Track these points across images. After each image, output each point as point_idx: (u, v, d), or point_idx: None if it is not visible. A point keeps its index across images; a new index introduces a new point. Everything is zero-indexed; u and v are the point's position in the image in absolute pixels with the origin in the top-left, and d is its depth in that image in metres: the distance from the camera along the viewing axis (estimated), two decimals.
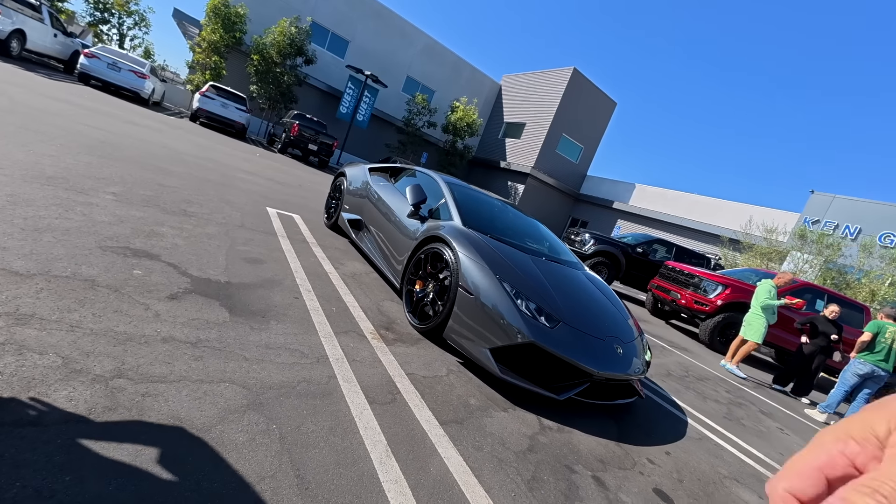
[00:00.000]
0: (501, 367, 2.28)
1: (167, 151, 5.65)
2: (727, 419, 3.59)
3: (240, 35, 16.28)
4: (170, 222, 2.93)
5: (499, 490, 1.57)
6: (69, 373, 1.29)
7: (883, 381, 4.90)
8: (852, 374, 4.89)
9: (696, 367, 5.19)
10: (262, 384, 1.61)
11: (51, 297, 1.62)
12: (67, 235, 2.16)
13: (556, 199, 23.00)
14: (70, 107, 6.17)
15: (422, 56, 22.82)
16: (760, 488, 2.49)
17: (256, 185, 5.69)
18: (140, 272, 2.08)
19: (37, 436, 1.06)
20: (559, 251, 3.82)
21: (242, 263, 2.71)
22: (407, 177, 4.23)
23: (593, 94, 22.30)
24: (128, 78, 10.81)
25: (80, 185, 2.97)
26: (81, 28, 21.00)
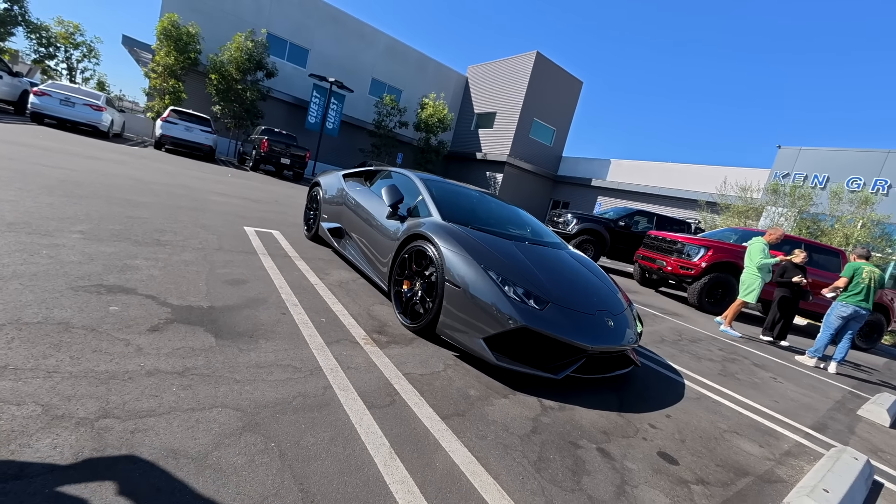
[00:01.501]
0: (497, 355, 2.29)
1: (133, 182, 5.50)
2: (722, 375, 3.68)
3: (194, 55, 15.87)
4: (143, 254, 2.86)
5: (506, 475, 1.58)
6: (50, 420, 1.25)
7: (864, 320, 5.09)
8: (836, 317, 5.06)
9: (688, 330, 5.31)
10: (256, 404, 1.58)
11: (23, 345, 1.56)
12: (35, 280, 2.09)
13: (534, 183, 23.17)
14: (24, 148, 5.94)
15: (384, 57, 22.64)
16: (760, 437, 2.57)
17: (231, 206, 5.57)
18: (116, 308, 2.02)
19: (21, 489, 1.02)
20: (542, 234, 3.85)
21: (224, 286, 2.66)
22: (382, 178, 4.20)
23: (559, 76, 22.47)
24: (83, 112, 10.44)
25: (43, 227, 2.87)
26: (28, 66, 20.20)
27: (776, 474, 2.17)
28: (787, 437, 2.71)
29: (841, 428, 3.15)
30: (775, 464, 2.29)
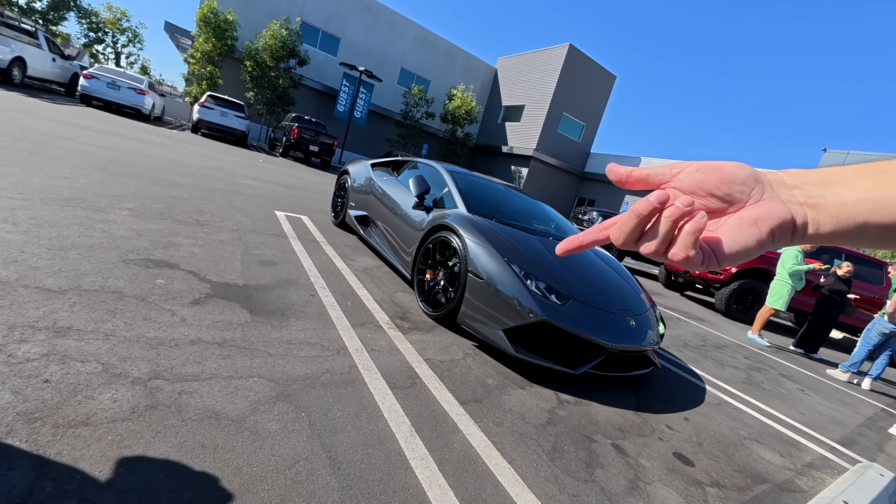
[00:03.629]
0: (516, 347, 2.34)
1: (174, 164, 5.77)
2: (746, 384, 3.60)
3: (231, 42, 16.31)
4: (184, 232, 3.03)
5: (521, 461, 1.63)
6: (110, 377, 1.38)
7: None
8: (877, 334, 4.83)
9: (713, 336, 5.19)
10: (288, 377, 1.69)
11: (84, 309, 1.72)
12: (91, 252, 2.26)
13: (560, 179, 22.80)
14: (76, 129, 6.32)
15: (414, 47, 22.61)
16: (782, 447, 2.53)
17: (263, 191, 5.78)
18: (163, 281, 2.18)
19: (90, 434, 1.15)
20: (566, 231, 3.84)
21: (257, 266, 2.80)
22: (409, 169, 4.27)
23: (592, 70, 21.89)
24: (128, 95, 10.97)
25: (96, 203, 3.08)
26: (77, 50, 21.25)
27: (795, 484, 2.14)
28: (811, 449, 2.65)
29: (869, 445, 3.05)
30: (796, 474, 2.25)
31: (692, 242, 0.34)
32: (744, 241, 0.35)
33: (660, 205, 0.35)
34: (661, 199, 0.35)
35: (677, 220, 0.35)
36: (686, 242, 0.34)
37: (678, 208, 0.34)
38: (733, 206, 0.37)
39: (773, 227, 0.35)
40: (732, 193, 0.37)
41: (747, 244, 0.35)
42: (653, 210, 0.35)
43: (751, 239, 0.35)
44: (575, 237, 0.41)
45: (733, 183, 0.37)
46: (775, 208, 0.36)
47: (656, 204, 0.35)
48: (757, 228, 0.35)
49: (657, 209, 0.35)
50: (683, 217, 0.35)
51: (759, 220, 0.35)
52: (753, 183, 0.37)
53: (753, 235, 0.35)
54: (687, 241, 0.34)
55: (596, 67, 22.03)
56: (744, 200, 0.37)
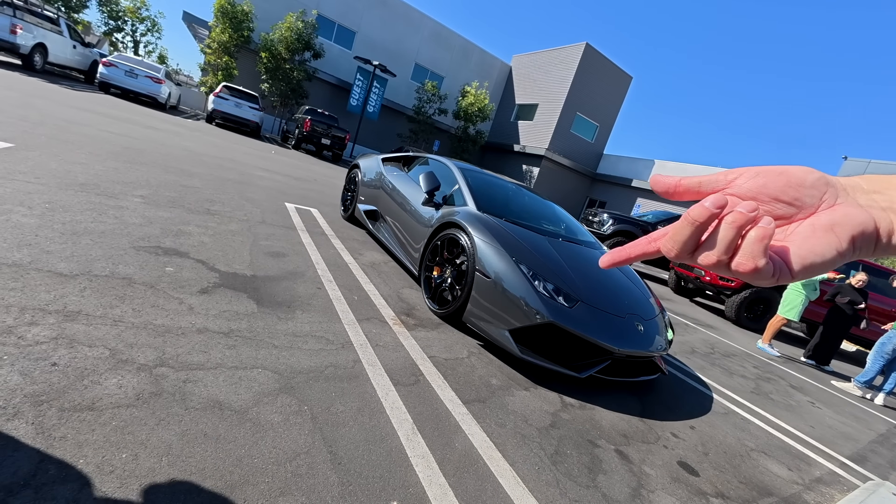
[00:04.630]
0: (521, 348, 2.32)
1: (187, 153, 5.83)
2: (755, 394, 3.54)
3: (248, 33, 16.41)
4: (195, 221, 3.05)
5: (523, 463, 1.62)
6: (117, 363, 1.39)
7: None
8: (893, 348, 4.70)
9: (722, 344, 5.11)
10: (292, 369, 1.69)
11: (94, 294, 1.74)
12: (103, 237, 2.29)
13: (572, 180, 22.59)
14: (94, 115, 6.41)
15: (429, 42, 22.52)
16: (790, 460, 2.47)
17: (274, 182, 5.81)
18: (172, 269, 2.19)
19: (94, 419, 1.15)
20: (576, 232, 3.79)
21: (266, 257, 2.81)
22: (420, 165, 4.25)
23: (607, 70, 21.60)
24: (145, 84, 11.10)
25: (110, 189, 3.12)
26: (98, 38, 21.55)
27: (803, 499, 2.10)
28: (820, 463, 2.59)
29: (882, 462, 2.97)
30: (803, 489, 2.20)
31: (761, 250, 0.30)
32: (820, 250, 0.31)
33: (717, 209, 0.31)
34: (718, 204, 0.31)
35: (741, 226, 0.31)
36: (753, 250, 0.30)
37: (742, 213, 0.30)
38: (802, 213, 0.33)
39: (854, 234, 0.31)
40: (801, 197, 0.33)
41: (825, 253, 0.31)
42: (710, 216, 0.31)
43: (828, 247, 0.31)
44: (620, 249, 0.37)
45: (801, 186, 0.33)
46: (854, 213, 0.32)
47: (713, 209, 0.31)
48: (834, 235, 0.31)
49: (714, 215, 0.31)
50: (748, 223, 0.30)
51: (836, 225, 0.31)
52: (825, 186, 0.33)
53: (831, 244, 0.31)
54: (754, 248, 0.30)
55: (612, 67, 21.72)
56: (814, 205, 0.33)
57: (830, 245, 0.31)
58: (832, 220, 0.32)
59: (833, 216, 0.32)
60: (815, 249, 0.31)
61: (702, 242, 0.33)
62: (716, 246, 0.32)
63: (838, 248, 0.31)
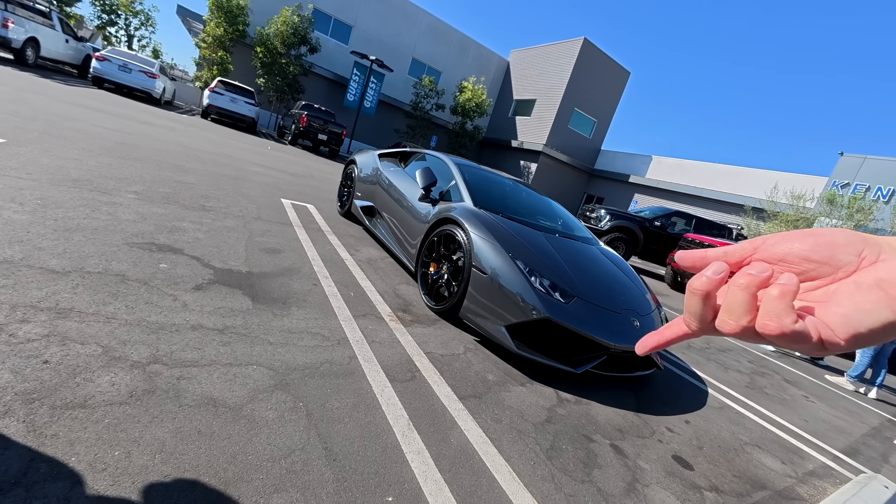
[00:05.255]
0: (518, 344, 2.32)
1: (182, 149, 5.78)
2: (749, 388, 3.56)
3: (243, 28, 16.26)
4: (190, 217, 3.03)
5: (518, 459, 1.62)
6: (109, 360, 1.38)
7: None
8: None
9: (717, 339, 5.13)
10: (288, 366, 1.69)
11: (86, 291, 1.72)
12: (96, 234, 2.27)
13: (570, 176, 22.59)
14: (87, 111, 6.34)
15: (426, 37, 22.37)
16: (783, 454, 2.49)
17: (270, 178, 5.78)
18: (166, 266, 2.18)
19: (87, 416, 1.15)
20: (573, 228, 3.79)
21: (261, 254, 2.80)
22: (416, 160, 4.23)
23: (605, 65, 21.54)
24: (139, 79, 10.99)
25: (103, 185, 3.09)
26: (91, 32, 21.31)
27: (796, 492, 2.12)
28: (814, 457, 2.61)
29: (874, 455, 3.00)
30: (796, 482, 2.22)
31: (783, 308, 0.27)
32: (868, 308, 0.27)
33: (717, 276, 0.30)
34: (717, 271, 0.30)
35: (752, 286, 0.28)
36: (774, 309, 0.27)
37: (751, 274, 0.28)
38: (842, 272, 0.29)
39: None
40: (836, 255, 0.29)
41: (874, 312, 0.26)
42: (711, 284, 0.30)
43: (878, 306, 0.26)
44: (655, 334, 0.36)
45: (834, 245, 0.30)
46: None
47: (714, 276, 0.30)
48: (883, 292, 0.27)
49: (717, 281, 0.30)
50: (760, 284, 0.28)
51: (885, 282, 0.27)
52: (860, 243, 0.29)
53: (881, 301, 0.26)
54: (775, 307, 0.27)
55: (610, 63, 21.66)
56: (853, 264, 0.29)
57: (882, 304, 0.26)
58: (878, 276, 0.27)
59: (879, 272, 0.28)
60: (862, 308, 0.27)
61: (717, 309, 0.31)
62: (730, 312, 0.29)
63: (892, 306, 0.26)
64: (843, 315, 0.27)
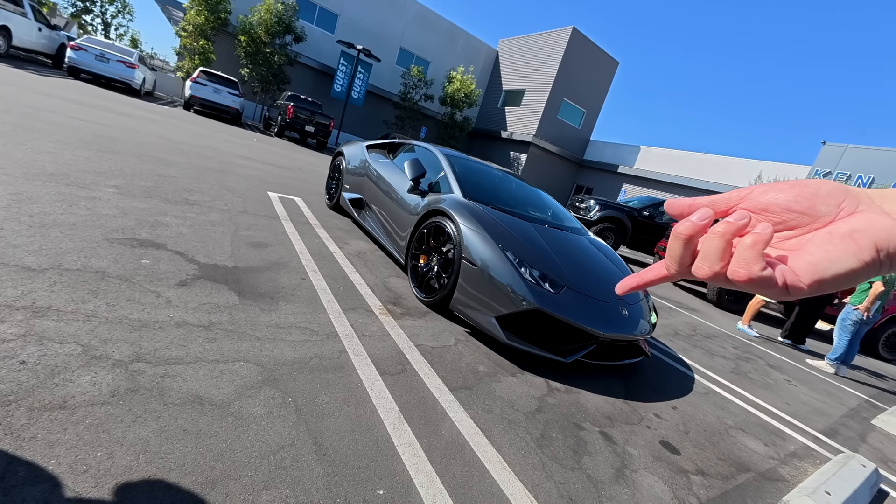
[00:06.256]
0: (508, 334, 2.33)
1: (164, 142, 5.63)
2: (734, 374, 3.64)
3: (225, 16, 15.79)
4: (173, 212, 2.96)
5: (509, 448, 1.63)
6: (90, 359, 1.35)
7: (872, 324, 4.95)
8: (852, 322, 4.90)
9: (703, 326, 5.24)
10: (276, 361, 1.67)
11: (64, 289, 1.67)
12: (74, 230, 2.20)
13: (559, 166, 22.63)
14: (63, 102, 6.12)
15: (414, 25, 22.02)
16: (766, 436, 2.56)
17: (256, 171, 5.67)
18: (148, 261, 2.13)
19: (66, 417, 1.12)
20: (562, 218, 3.80)
21: (248, 248, 2.75)
22: (405, 152, 4.18)
23: (594, 55, 21.49)
24: (117, 69, 10.63)
25: (81, 179, 2.99)
26: (65, 20, 20.48)
27: (778, 473, 2.18)
28: (795, 438, 2.69)
29: (852, 435, 3.11)
30: (779, 463, 2.29)
31: (753, 256, 0.28)
32: (836, 257, 0.28)
33: (702, 222, 0.31)
34: (703, 216, 0.31)
35: (728, 233, 0.29)
36: (745, 256, 0.28)
37: (729, 223, 0.29)
38: (819, 222, 0.30)
39: (878, 241, 0.28)
40: (815, 206, 0.30)
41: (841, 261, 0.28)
42: (695, 229, 0.31)
43: (846, 255, 0.28)
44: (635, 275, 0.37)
45: (816, 196, 0.31)
46: (879, 219, 0.28)
47: (698, 222, 0.31)
48: (853, 242, 0.28)
49: (700, 227, 0.31)
50: (735, 232, 0.29)
51: (856, 232, 0.28)
52: (842, 194, 0.30)
53: (849, 250, 0.28)
54: (746, 254, 0.28)
55: (599, 52, 21.62)
56: (832, 214, 0.30)
57: (849, 252, 0.28)
58: (852, 226, 0.29)
59: (853, 223, 0.29)
60: (830, 256, 0.28)
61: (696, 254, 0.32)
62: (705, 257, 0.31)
63: (858, 256, 0.28)
64: (812, 262, 0.29)
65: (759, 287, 0.29)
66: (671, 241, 0.32)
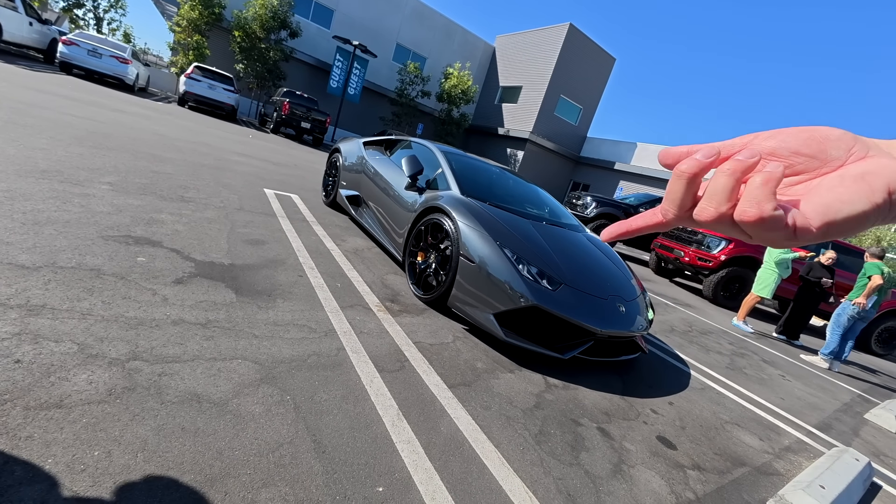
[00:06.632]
0: (506, 331, 2.33)
1: (158, 138, 5.58)
2: (729, 369, 3.67)
3: (219, 10, 15.61)
4: (168, 209, 2.94)
5: (507, 445, 1.64)
6: (86, 358, 1.34)
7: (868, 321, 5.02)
8: (847, 318, 4.96)
9: (699, 322, 5.27)
10: (274, 359, 1.66)
11: (59, 287, 1.65)
12: (68, 227, 2.18)
13: (556, 163, 22.63)
14: (55, 98, 6.05)
15: (411, 21, 21.88)
16: (761, 431, 2.59)
17: (252, 167, 5.63)
18: (144, 259, 2.11)
19: (63, 416, 1.11)
20: (559, 215, 3.80)
21: (244, 245, 2.73)
22: (402, 148, 4.17)
23: (591, 51, 21.45)
24: (110, 64, 10.49)
25: (74, 176, 2.96)
26: (56, 14, 20.19)
27: (773, 467, 2.20)
28: (789, 433, 2.72)
29: (845, 429, 3.14)
30: (774, 457, 2.31)
31: (766, 194, 0.26)
32: (849, 198, 0.27)
33: (708, 160, 0.28)
34: (709, 154, 0.28)
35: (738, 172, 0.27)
36: (756, 195, 0.26)
37: (738, 160, 0.27)
38: (828, 166, 0.29)
39: (891, 184, 0.27)
40: (826, 149, 0.29)
41: (854, 203, 0.26)
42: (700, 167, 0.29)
43: (859, 197, 0.27)
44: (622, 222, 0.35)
45: (826, 140, 0.29)
46: (891, 163, 0.27)
47: (704, 160, 0.28)
48: (867, 184, 0.27)
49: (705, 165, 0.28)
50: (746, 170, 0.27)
51: (869, 174, 0.27)
52: (852, 141, 0.29)
53: (862, 193, 0.27)
54: (757, 193, 0.26)
55: (596, 49, 21.58)
56: (842, 158, 0.29)
57: (861, 194, 0.27)
58: (864, 169, 0.28)
59: (865, 166, 0.28)
60: (842, 198, 0.27)
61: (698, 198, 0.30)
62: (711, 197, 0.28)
63: (871, 198, 0.27)
64: (823, 204, 0.27)
65: (769, 229, 0.27)
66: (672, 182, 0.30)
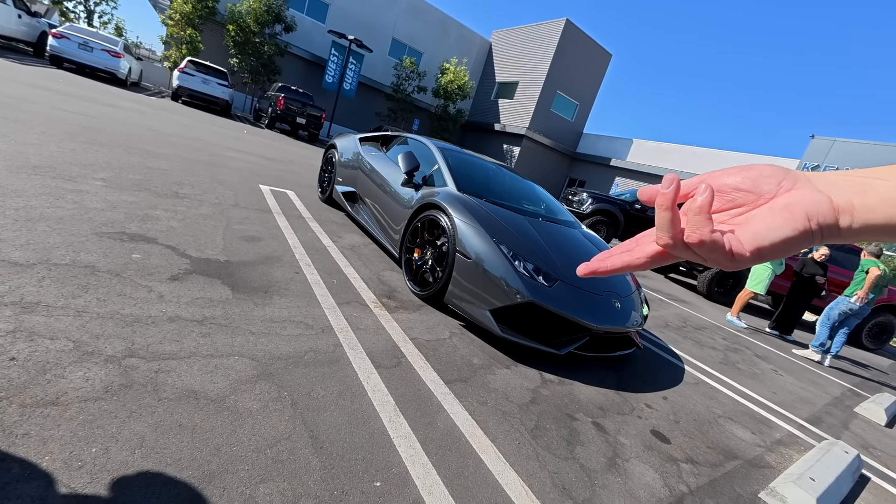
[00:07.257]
0: (502, 327, 2.34)
1: (152, 133, 5.52)
2: (723, 364, 3.72)
3: (212, 4, 15.41)
4: (163, 205, 2.92)
5: (504, 439, 1.66)
6: (82, 355, 1.33)
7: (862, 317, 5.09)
8: (839, 313, 5.03)
9: (693, 318, 5.32)
10: (271, 356, 1.66)
11: (53, 284, 1.64)
12: (62, 224, 2.16)
13: (552, 159, 22.64)
14: (46, 92, 5.96)
15: (406, 15, 21.72)
16: (753, 425, 2.63)
17: (247, 163, 5.59)
18: (139, 256, 2.10)
19: (59, 414, 1.11)
20: (556, 212, 3.81)
21: (240, 242, 2.72)
22: (398, 145, 4.15)
23: (587, 47, 21.41)
24: (101, 58, 10.35)
25: (67, 172, 2.93)
26: (46, 7, 19.85)
27: (765, 460, 2.24)
28: (781, 426, 2.76)
29: (835, 423, 3.20)
30: (765, 451, 2.35)
31: (702, 221, 0.31)
32: (775, 226, 0.32)
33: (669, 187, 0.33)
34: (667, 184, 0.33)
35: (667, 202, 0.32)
36: (695, 222, 0.31)
37: (664, 193, 0.32)
38: (763, 199, 0.34)
39: (809, 210, 0.32)
40: (759, 185, 0.34)
41: (780, 230, 0.32)
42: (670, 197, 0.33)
43: (783, 224, 0.32)
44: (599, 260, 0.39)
45: (760, 176, 0.35)
46: (809, 193, 0.33)
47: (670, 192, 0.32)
48: (790, 213, 0.32)
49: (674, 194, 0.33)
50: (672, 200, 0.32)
51: (792, 205, 0.32)
52: (783, 175, 0.34)
53: (786, 220, 0.32)
54: (695, 220, 0.31)
55: (592, 44, 21.54)
56: (773, 192, 0.34)
57: (785, 222, 0.32)
58: (788, 200, 0.33)
59: (789, 197, 0.33)
60: (770, 226, 0.32)
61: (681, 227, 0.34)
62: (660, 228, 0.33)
63: (793, 225, 0.32)
64: (753, 232, 0.32)
65: (709, 251, 0.31)
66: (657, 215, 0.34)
